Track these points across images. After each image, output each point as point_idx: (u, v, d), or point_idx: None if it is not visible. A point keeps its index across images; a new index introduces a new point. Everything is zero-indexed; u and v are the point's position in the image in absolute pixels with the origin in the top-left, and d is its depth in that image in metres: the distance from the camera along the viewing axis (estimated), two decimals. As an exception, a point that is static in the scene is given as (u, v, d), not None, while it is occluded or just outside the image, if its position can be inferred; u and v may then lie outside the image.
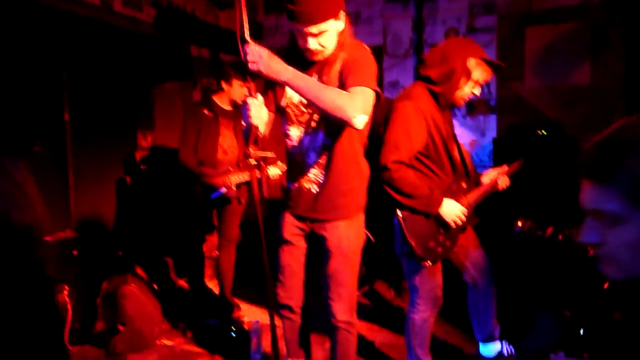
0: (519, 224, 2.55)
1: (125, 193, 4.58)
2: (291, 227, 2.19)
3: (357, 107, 1.75)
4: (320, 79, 1.91)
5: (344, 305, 2.15)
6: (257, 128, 1.81)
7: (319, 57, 1.88)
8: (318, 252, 2.21)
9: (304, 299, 2.35)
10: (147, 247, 4.51)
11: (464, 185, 2.41)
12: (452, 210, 2.25)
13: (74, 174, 3.40)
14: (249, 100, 1.80)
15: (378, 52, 5.20)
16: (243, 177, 3.36)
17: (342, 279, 2.13)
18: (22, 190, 1.89)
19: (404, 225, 2.22)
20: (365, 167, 2.17)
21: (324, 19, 1.75)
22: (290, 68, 1.72)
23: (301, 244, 2.24)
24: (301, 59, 1.92)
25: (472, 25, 4.84)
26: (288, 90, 1.99)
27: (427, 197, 2.19)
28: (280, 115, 2.14)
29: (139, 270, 3.93)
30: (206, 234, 3.99)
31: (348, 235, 2.11)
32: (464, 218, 2.29)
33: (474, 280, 2.53)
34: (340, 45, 1.87)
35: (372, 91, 1.85)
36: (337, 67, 1.89)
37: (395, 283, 3.98)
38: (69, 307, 2.97)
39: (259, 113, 1.82)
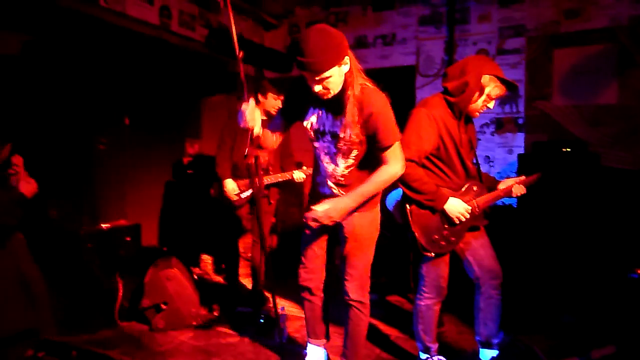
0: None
1: (172, 194, 5.03)
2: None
3: (398, 168, 2.19)
4: (335, 118, 2.20)
5: (355, 284, 2.38)
6: (252, 129, 2.13)
7: (328, 96, 2.14)
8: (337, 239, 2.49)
9: (324, 282, 2.58)
10: (190, 244, 4.92)
11: (475, 188, 2.64)
12: (456, 207, 2.48)
13: (130, 171, 3.83)
14: (243, 106, 2.11)
15: (411, 72, 5.51)
16: (271, 179, 3.72)
17: (355, 261, 2.37)
18: None
19: (410, 217, 2.48)
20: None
21: (327, 68, 1.99)
22: (348, 199, 2.19)
23: (323, 232, 2.48)
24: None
25: (501, 47, 5.06)
26: (310, 111, 2.30)
27: (433, 193, 2.44)
28: (294, 119, 2.43)
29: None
30: (238, 233, 4.31)
31: (362, 224, 2.35)
32: (467, 216, 2.52)
33: (477, 279, 2.69)
34: (348, 84, 2.12)
35: (398, 143, 2.19)
36: (351, 107, 2.13)
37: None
38: (120, 286, 3.38)
39: (253, 116, 2.13)
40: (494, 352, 2.68)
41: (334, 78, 2.04)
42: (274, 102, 3.80)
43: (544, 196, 4.03)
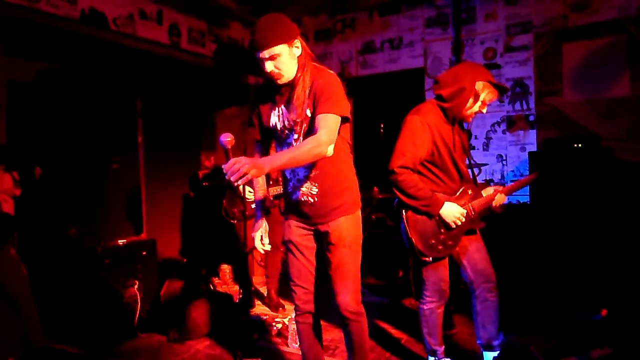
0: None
1: (190, 206, 5.17)
2: (297, 229, 2.37)
3: (324, 143, 1.99)
4: (291, 103, 2.18)
5: (350, 296, 2.25)
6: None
7: (282, 80, 2.14)
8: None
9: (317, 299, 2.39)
10: (208, 255, 5.04)
11: (469, 191, 2.66)
12: (451, 212, 2.51)
13: (145, 187, 3.98)
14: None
15: (419, 74, 5.53)
16: (279, 189, 3.80)
17: (347, 270, 2.24)
18: None
19: (407, 223, 2.52)
20: (352, 165, 2.32)
21: (274, 44, 2.02)
22: (263, 159, 1.91)
23: (310, 244, 2.34)
24: (276, 89, 2.23)
25: (509, 44, 5.04)
26: (272, 115, 2.28)
27: (428, 199, 2.47)
28: (270, 137, 2.40)
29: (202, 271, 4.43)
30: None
31: (348, 228, 2.24)
32: (463, 220, 2.54)
33: (470, 283, 2.69)
34: (300, 68, 2.14)
35: (336, 117, 2.06)
36: (302, 89, 2.14)
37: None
38: (139, 299, 3.52)
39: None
40: (496, 354, 2.67)
41: (284, 57, 2.07)
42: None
43: (558, 193, 4.00)
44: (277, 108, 2.25)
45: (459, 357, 2.82)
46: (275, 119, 2.26)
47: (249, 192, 3.74)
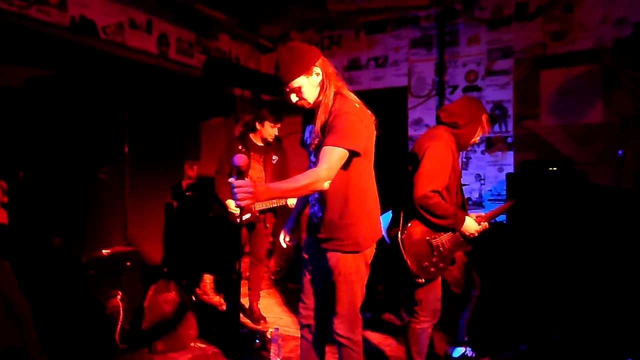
0: None
1: (172, 216, 5.17)
2: (308, 244, 2.48)
3: (322, 179, 2.03)
4: (314, 125, 2.26)
5: (342, 321, 2.30)
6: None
7: (305, 105, 2.27)
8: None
9: (324, 318, 2.47)
10: (190, 265, 5.04)
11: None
12: (471, 227, 2.72)
13: (130, 197, 3.97)
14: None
15: (403, 93, 5.67)
16: (266, 204, 3.85)
17: (340, 297, 2.28)
18: None
19: (402, 246, 2.63)
20: (364, 203, 2.28)
21: (293, 78, 2.15)
22: (268, 185, 1.97)
23: (318, 262, 2.37)
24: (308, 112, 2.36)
25: (490, 68, 5.22)
26: (306, 131, 2.39)
27: (454, 217, 2.63)
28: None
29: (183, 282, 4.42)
30: (239, 255, 4.44)
31: (345, 264, 2.25)
32: (476, 234, 2.76)
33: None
34: (322, 92, 2.22)
35: (341, 150, 2.08)
36: (322, 112, 2.21)
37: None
38: (121, 310, 3.51)
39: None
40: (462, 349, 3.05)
41: (305, 88, 2.19)
42: (270, 131, 3.96)
43: (533, 214, 4.15)
44: (308, 125, 2.38)
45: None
46: (307, 134, 2.39)
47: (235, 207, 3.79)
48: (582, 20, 4.75)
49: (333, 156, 2.06)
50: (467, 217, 2.73)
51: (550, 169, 4.31)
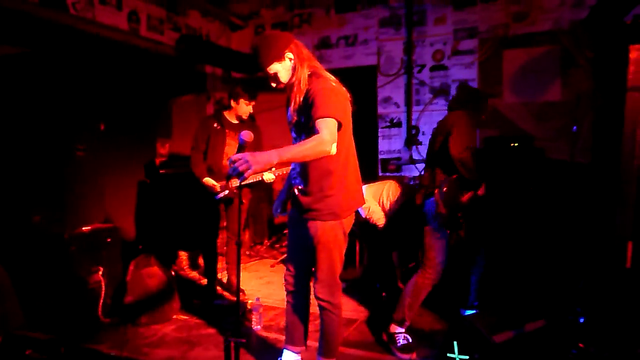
0: None
1: (146, 194, 5.19)
2: (292, 215, 2.64)
3: (328, 142, 2.12)
4: (290, 105, 2.44)
5: (322, 286, 2.48)
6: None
7: (280, 86, 2.43)
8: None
9: (307, 284, 2.67)
10: (165, 241, 5.10)
11: None
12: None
13: (106, 174, 4.00)
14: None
15: (373, 72, 5.80)
16: (255, 177, 3.94)
17: (320, 263, 2.46)
18: None
19: (443, 197, 2.93)
20: (343, 177, 2.41)
21: (268, 64, 2.34)
22: (273, 151, 2.04)
23: (300, 231, 2.51)
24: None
25: (456, 48, 5.41)
26: (288, 110, 2.51)
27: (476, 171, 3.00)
28: None
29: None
30: (216, 230, 4.51)
31: (324, 232, 2.41)
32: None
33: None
34: (295, 73, 2.37)
35: (333, 120, 2.19)
36: (296, 92, 2.36)
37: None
38: (103, 285, 3.57)
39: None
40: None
41: (281, 72, 2.38)
42: (245, 108, 4.02)
43: (496, 188, 4.41)
44: (288, 106, 2.50)
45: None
46: (288, 114, 2.53)
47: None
48: (542, 3, 4.99)
49: (329, 124, 2.18)
50: None
51: (512, 144, 4.56)
